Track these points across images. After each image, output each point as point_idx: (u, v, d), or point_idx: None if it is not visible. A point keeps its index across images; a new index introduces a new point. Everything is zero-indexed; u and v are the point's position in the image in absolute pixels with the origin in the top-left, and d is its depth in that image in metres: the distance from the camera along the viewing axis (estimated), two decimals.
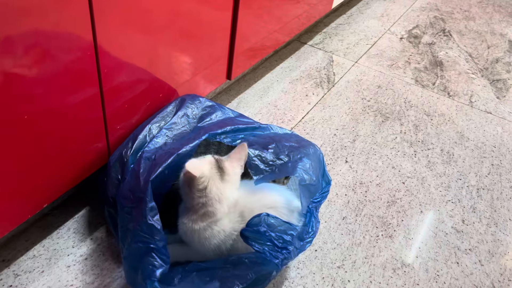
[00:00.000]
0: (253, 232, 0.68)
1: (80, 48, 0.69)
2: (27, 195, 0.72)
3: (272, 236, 0.68)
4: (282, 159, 0.78)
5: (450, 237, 0.98)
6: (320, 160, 0.82)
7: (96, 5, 0.67)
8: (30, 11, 0.59)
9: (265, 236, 0.67)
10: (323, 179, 0.81)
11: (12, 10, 0.57)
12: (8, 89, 0.61)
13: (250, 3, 1.12)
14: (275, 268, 0.69)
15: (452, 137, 1.28)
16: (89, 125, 0.78)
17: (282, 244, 0.68)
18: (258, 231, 0.68)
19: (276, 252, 0.67)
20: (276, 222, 0.69)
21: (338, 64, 1.55)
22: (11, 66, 0.60)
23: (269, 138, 0.83)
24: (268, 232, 0.68)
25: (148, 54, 0.84)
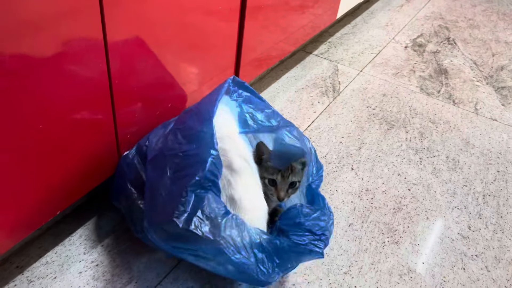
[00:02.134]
0: (291, 226, 0.70)
1: (93, 61, 0.71)
2: (41, 203, 0.75)
3: (310, 226, 0.70)
4: (272, 123, 0.82)
5: (457, 243, 0.99)
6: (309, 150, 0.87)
7: (108, 18, 0.70)
8: (44, 27, 0.62)
9: (303, 227, 0.69)
10: (316, 165, 0.87)
11: (28, 28, 0.59)
12: (25, 100, 0.63)
13: (256, 14, 1.15)
14: (320, 256, 0.71)
15: (457, 144, 1.29)
16: (100, 134, 0.81)
17: (319, 231, 0.70)
18: (296, 223, 0.70)
19: (316, 241, 0.69)
20: (310, 211, 0.71)
21: (343, 73, 1.57)
22: (28, 78, 0.62)
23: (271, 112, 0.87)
24: (306, 222, 0.70)
25: (157, 65, 0.87)
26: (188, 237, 0.66)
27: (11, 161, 0.66)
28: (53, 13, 0.62)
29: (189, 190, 0.67)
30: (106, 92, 0.77)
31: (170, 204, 0.68)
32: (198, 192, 0.68)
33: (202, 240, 0.66)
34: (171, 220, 0.66)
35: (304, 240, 0.69)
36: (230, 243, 0.67)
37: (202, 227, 0.66)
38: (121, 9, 0.72)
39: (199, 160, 0.69)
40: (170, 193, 0.69)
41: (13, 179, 0.68)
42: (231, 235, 0.67)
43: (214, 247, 0.66)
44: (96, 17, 0.68)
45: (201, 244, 0.67)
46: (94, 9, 0.67)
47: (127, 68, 0.79)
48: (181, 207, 0.66)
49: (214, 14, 0.98)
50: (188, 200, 0.67)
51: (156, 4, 0.79)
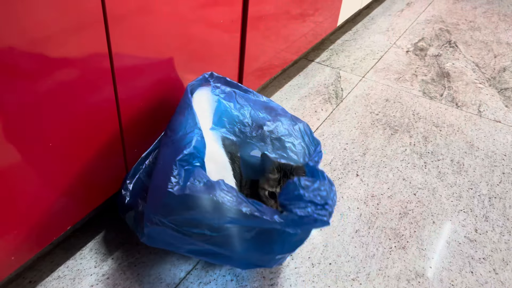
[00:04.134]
0: (291, 199, 0.69)
1: (99, 77, 0.73)
2: (52, 218, 0.76)
3: (311, 197, 0.68)
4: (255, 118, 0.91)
5: (464, 247, 0.99)
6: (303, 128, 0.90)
7: (112, 34, 0.72)
8: (51, 47, 0.63)
9: (304, 198, 0.68)
10: (313, 142, 0.88)
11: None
12: (35, 119, 0.65)
13: (258, 24, 1.16)
14: (326, 224, 0.69)
15: (461, 147, 1.30)
16: (108, 150, 0.82)
17: (321, 201, 0.69)
18: (296, 196, 0.68)
19: (320, 210, 0.68)
20: (309, 182, 0.70)
21: (345, 80, 1.58)
22: (38, 99, 0.64)
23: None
24: (306, 194, 0.68)
25: (161, 77, 0.88)
26: (187, 205, 0.68)
27: (24, 179, 0.68)
28: (58, 31, 0.64)
29: (178, 164, 0.70)
30: (113, 108, 0.79)
31: (164, 182, 0.70)
32: (187, 168, 0.71)
33: (200, 201, 0.67)
34: (167, 192, 0.68)
35: (307, 212, 0.68)
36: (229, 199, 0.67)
37: (197, 188, 0.67)
38: (125, 24, 0.74)
39: (185, 139, 0.74)
40: (163, 172, 0.72)
41: (25, 196, 0.69)
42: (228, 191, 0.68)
43: (214, 205, 0.67)
44: (101, 32, 0.70)
45: (200, 207, 0.68)
46: (98, 24, 0.69)
47: (133, 82, 0.81)
48: (174, 178, 0.69)
49: (216, 26, 0.99)
50: (179, 173, 0.69)
51: (159, 18, 0.81)
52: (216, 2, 0.95)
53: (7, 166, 0.64)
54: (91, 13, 0.67)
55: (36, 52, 0.61)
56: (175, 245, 0.77)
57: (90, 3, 0.66)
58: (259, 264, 0.79)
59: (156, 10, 0.79)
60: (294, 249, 0.80)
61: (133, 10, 0.74)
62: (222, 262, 0.84)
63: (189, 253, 0.79)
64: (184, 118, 0.78)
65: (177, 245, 0.77)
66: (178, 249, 0.78)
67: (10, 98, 0.60)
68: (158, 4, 0.79)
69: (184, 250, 0.78)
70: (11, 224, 0.69)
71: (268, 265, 0.81)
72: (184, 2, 0.85)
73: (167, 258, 0.90)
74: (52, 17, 0.61)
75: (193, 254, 0.79)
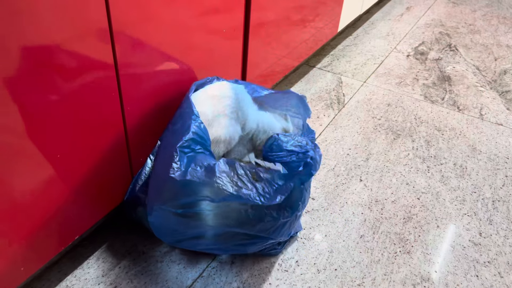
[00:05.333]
0: (274, 150, 0.76)
1: (105, 86, 0.74)
2: (60, 229, 0.77)
3: (292, 146, 0.76)
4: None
5: (468, 251, 0.99)
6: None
7: (118, 40, 0.73)
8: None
9: (286, 148, 0.75)
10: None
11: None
12: (43, 131, 0.66)
13: (259, 31, 1.17)
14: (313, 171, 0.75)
15: (464, 151, 1.30)
16: (115, 161, 0.83)
17: (303, 149, 0.76)
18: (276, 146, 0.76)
19: (303, 155, 0.75)
20: (288, 137, 0.77)
21: (347, 85, 1.59)
22: (47, 111, 0.65)
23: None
24: (287, 145, 0.76)
25: (164, 85, 0.89)
26: (189, 189, 0.71)
27: (33, 190, 0.69)
28: (65, 39, 0.65)
29: (179, 150, 0.73)
30: (118, 117, 0.79)
31: (166, 169, 0.73)
32: (190, 154, 0.74)
33: (201, 186, 0.71)
34: (169, 178, 0.71)
35: (292, 159, 0.75)
36: (227, 179, 0.72)
37: (198, 174, 0.71)
38: (130, 33, 0.75)
39: (184, 127, 0.77)
40: (164, 160, 0.75)
41: (34, 208, 0.70)
42: (226, 173, 0.72)
43: (214, 190, 0.71)
44: (107, 41, 0.71)
45: (201, 192, 0.71)
46: (104, 33, 0.70)
47: (137, 91, 0.82)
48: (175, 164, 0.72)
49: (218, 33, 1.00)
50: (181, 159, 0.72)
51: (162, 26, 0.82)
52: (218, 9, 0.96)
53: (16, 177, 0.65)
54: (97, 22, 0.68)
55: (42, 63, 0.62)
56: (180, 232, 0.80)
57: (96, 13, 0.67)
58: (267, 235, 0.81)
59: (159, 19, 0.80)
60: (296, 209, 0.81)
61: (138, 19, 0.75)
62: (229, 249, 0.86)
63: (195, 240, 0.81)
64: (182, 109, 0.83)
65: (181, 230, 0.79)
66: (184, 236, 0.81)
67: (21, 110, 0.61)
68: (161, 13, 0.80)
69: (190, 235, 0.81)
70: (20, 235, 0.70)
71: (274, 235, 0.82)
72: (187, 11, 0.86)
73: (173, 266, 0.90)
74: (59, 26, 0.62)
75: (198, 242, 0.82)
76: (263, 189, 0.73)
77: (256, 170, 0.73)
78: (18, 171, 0.65)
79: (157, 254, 0.92)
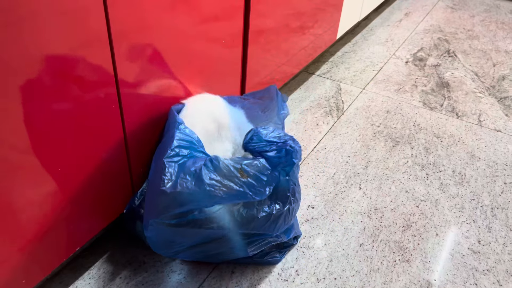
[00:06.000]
0: (253, 141, 0.78)
1: (104, 97, 0.75)
2: (61, 240, 0.78)
3: (271, 137, 0.79)
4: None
5: (467, 259, 1.00)
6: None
7: (117, 49, 0.73)
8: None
9: (265, 139, 0.78)
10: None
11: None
12: (44, 145, 0.67)
13: (259, 39, 1.18)
14: (297, 158, 0.78)
15: (463, 158, 1.31)
16: (116, 173, 0.84)
17: (281, 139, 0.79)
18: (256, 137, 0.78)
19: (282, 144, 0.78)
20: (267, 131, 0.80)
21: (346, 92, 1.60)
22: (49, 124, 0.66)
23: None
24: (266, 138, 0.78)
25: (164, 94, 0.90)
26: (180, 200, 0.72)
27: (34, 202, 0.69)
28: (63, 49, 0.66)
29: (167, 162, 0.75)
30: (119, 128, 0.80)
31: (157, 182, 0.74)
32: (179, 161, 0.75)
33: (192, 195, 0.72)
34: (160, 191, 0.72)
35: (272, 149, 0.78)
36: (217, 185, 0.73)
37: (188, 185, 0.73)
38: (129, 42, 0.75)
39: (169, 137, 0.79)
40: (156, 174, 0.77)
41: (36, 220, 0.71)
42: (213, 179, 0.73)
43: (206, 197, 0.72)
44: (106, 51, 0.71)
45: (194, 201, 0.73)
46: (103, 43, 0.70)
47: (137, 100, 0.82)
48: (164, 177, 0.74)
49: (218, 41, 1.00)
50: (169, 170, 0.74)
51: (161, 35, 0.82)
52: (217, 17, 0.96)
53: (17, 190, 0.66)
54: (96, 32, 0.68)
55: (43, 75, 0.63)
56: (177, 242, 0.81)
57: (95, 22, 0.67)
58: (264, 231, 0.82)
59: (158, 27, 0.80)
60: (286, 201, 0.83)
61: (137, 28, 0.75)
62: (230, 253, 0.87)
63: (193, 249, 0.83)
64: (168, 121, 0.87)
65: (178, 241, 0.81)
66: (182, 246, 0.82)
67: (21, 124, 0.62)
68: (160, 21, 0.80)
69: (187, 245, 0.82)
70: (21, 247, 0.71)
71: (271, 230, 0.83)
72: (186, 19, 0.87)
73: (174, 276, 0.91)
74: (57, 36, 0.63)
75: (197, 251, 0.83)
76: (252, 185, 0.75)
77: (242, 166, 0.75)
78: (19, 184, 0.66)
79: (157, 264, 0.93)
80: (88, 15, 0.66)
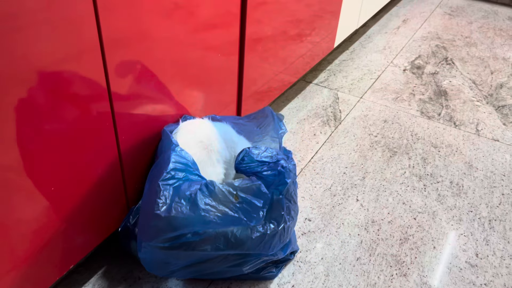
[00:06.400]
0: (245, 162, 0.77)
1: (97, 112, 0.75)
2: (55, 258, 0.77)
3: (263, 157, 0.78)
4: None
5: (465, 272, 0.99)
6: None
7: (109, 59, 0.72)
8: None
9: (257, 159, 0.77)
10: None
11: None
12: (36, 164, 0.66)
13: (255, 47, 1.17)
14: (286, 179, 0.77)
15: (460, 168, 1.30)
16: (110, 191, 0.83)
17: (274, 159, 0.78)
18: (248, 158, 0.77)
19: (274, 164, 0.77)
20: (259, 150, 0.79)
21: (343, 101, 1.60)
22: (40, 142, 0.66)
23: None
24: (258, 157, 0.78)
25: (158, 106, 0.89)
26: (175, 224, 0.72)
27: (28, 220, 0.69)
28: (52, 61, 0.65)
29: (162, 185, 0.74)
30: (113, 148, 0.80)
31: (151, 205, 0.74)
32: (174, 184, 0.74)
33: (186, 220, 0.72)
34: (154, 214, 0.72)
35: (263, 169, 0.77)
36: (212, 210, 0.73)
37: (182, 209, 0.72)
38: (122, 52, 0.74)
39: (165, 158, 0.78)
40: (150, 196, 0.76)
41: (30, 237, 0.70)
42: (208, 204, 0.73)
43: (200, 222, 0.72)
44: (98, 61, 0.70)
45: (188, 226, 0.72)
46: (95, 52, 0.69)
47: (131, 113, 0.81)
48: (159, 200, 0.73)
49: (213, 49, 0.99)
50: (164, 194, 0.73)
51: (155, 44, 0.81)
52: (212, 25, 0.95)
53: (11, 210, 0.66)
54: (88, 45, 0.67)
55: (35, 92, 0.63)
56: (172, 263, 0.80)
57: (87, 35, 0.66)
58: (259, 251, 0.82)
59: (152, 37, 0.79)
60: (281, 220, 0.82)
61: (130, 39, 0.74)
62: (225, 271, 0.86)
63: (188, 268, 0.82)
64: (162, 142, 0.86)
65: (173, 262, 0.80)
66: (177, 266, 0.81)
67: (12, 143, 0.62)
68: (154, 31, 0.79)
69: (182, 265, 0.81)
70: (16, 265, 0.70)
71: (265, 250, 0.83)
72: (180, 28, 0.85)
73: None
74: (48, 50, 0.61)
75: (192, 270, 0.82)
76: (246, 210, 0.74)
77: (238, 193, 0.74)
78: (12, 203, 0.66)
79: (152, 280, 0.92)
80: (80, 28, 0.64)
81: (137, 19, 0.74)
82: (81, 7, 0.63)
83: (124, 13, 0.71)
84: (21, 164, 0.64)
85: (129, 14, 0.72)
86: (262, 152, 0.78)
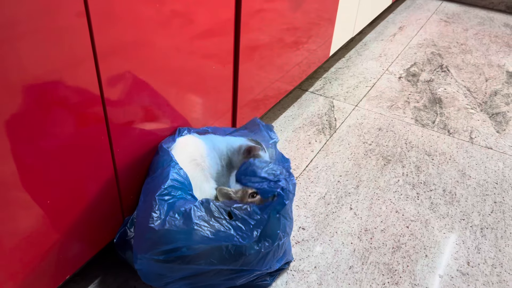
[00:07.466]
0: (248, 175, 0.79)
1: (92, 123, 0.76)
2: (51, 270, 0.79)
3: (266, 173, 0.80)
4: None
5: (456, 281, 1.01)
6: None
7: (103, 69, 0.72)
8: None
9: (259, 175, 0.79)
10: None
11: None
12: (31, 177, 0.68)
13: (251, 55, 1.18)
14: (284, 199, 0.78)
15: (453, 176, 1.32)
16: (106, 202, 0.85)
17: (275, 178, 0.80)
18: (251, 171, 0.79)
19: (273, 183, 0.79)
20: (264, 163, 0.81)
21: (339, 109, 1.61)
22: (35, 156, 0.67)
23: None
24: (261, 172, 0.79)
25: (153, 117, 0.90)
26: (168, 238, 0.74)
27: (24, 231, 0.70)
28: (45, 71, 0.67)
29: (158, 199, 0.76)
30: (108, 160, 0.81)
31: (146, 218, 0.76)
32: (169, 200, 0.76)
33: (180, 234, 0.73)
34: (149, 228, 0.74)
35: (263, 186, 0.79)
36: (205, 225, 0.75)
37: (176, 223, 0.74)
38: (116, 61, 0.75)
39: (163, 174, 0.80)
40: (145, 209, 0.78)
41: (26, 248, 0.72)
42: (202, 219, 0.75)
43: (193, 236, 0.74)
44: (92, 71, 0.70)
45: (181, 239, 0.74)
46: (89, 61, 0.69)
47: (125, 123, 0.82)
48: (154, 214, 0.75)
49: (208, 58, 0.98)
50: (159, 207, 0.75)
51: (149, 53, 0.81)
52: (207, 33, 0.95)
53: (6, 222, 0.67)
54: (81, 55, 0.67)
55: (29, 105, 0.64)
56: (167, 276, 0.81)
57: (79, 46, 0.66)
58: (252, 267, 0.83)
59: (147, 45, 0.79)
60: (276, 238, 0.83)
61: (123, 49, 0.75)
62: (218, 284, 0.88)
63: (183, 281, 0.83)
64: (159, 156, 0.87)
65: (168, 274, 0.81)
66: (172, 279, 0.82)
67: (7, 156, 0.63)
68: (148, 40, 0.79)
69: (177, 277, 0.82)
70: (12, 277, 0.72)
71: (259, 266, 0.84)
72: (174, 37, 0.86)
73: None
74: (40, 61, 0.62)
75: (187, 283, 0.84)
76: (240, 228, 0.76)
77: (232, 209, 0.76)
78: (7, 216, 0.67)
79: None
80: (73, 40, 0.65)
81: (131, 29, 0.75)
82: (74, 18, 0.64)
83: (117, 24, 0.72)
84: (17, 177, 0.66)
85: (123, 25, 0.73)
86: (266, 167, 0.80)
